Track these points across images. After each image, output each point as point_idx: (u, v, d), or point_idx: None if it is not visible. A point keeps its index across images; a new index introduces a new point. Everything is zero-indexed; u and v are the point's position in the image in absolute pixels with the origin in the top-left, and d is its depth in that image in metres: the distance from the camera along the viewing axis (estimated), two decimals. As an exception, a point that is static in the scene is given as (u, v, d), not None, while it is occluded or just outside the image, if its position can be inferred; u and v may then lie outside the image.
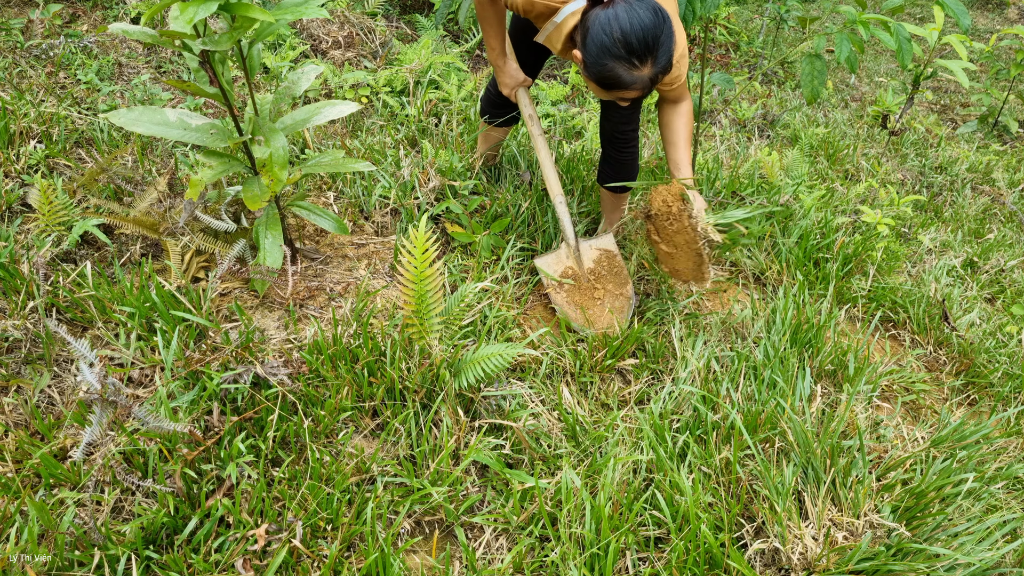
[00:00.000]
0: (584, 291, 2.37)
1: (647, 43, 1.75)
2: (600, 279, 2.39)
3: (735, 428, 1.87)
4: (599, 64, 1.81)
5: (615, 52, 1.77)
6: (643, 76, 1.81)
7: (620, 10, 1.76)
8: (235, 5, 1.66)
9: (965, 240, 3.71)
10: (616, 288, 2.38)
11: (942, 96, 6.85)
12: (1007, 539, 1.80)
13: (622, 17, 1.75)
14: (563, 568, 1.60)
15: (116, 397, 1.54)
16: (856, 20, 2.45)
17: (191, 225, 2.20)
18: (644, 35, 1.74)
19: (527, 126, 2.49)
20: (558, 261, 2.41)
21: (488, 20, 2.28)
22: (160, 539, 1.52)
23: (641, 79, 1.81)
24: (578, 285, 2.37)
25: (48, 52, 3.19)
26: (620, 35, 1.75)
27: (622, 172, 2.53)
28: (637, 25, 1.74)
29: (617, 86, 1.84)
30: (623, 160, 2.49)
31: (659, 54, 1.78)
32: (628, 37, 1.75)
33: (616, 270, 2.41)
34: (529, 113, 2.47)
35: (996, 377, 2.58)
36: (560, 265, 2.40)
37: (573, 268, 2.40)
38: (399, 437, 1.82)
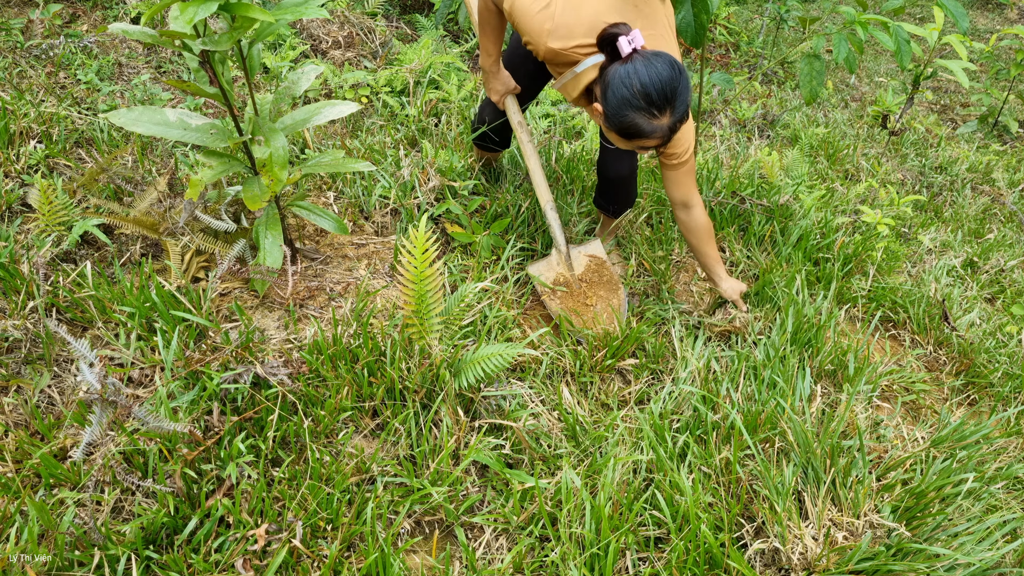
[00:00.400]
0: (576, 297, 2.37)
1: (666, 95, 1.82)
2: (592, 286, 2.40)
3: (735, 428, 1.87)
4: (620, 115, 1.86)
5: (635, 104, 1.82)
6: (663, 125, 1.87)
7: (639, 65, 1.82)
8: (235, 5, 1.66)
9: (965, 240, 3.71)
10: (608, 294, 2.38)
11: (942, 96, 6.85)
12: (1007, 539, 1.80)
13: (641, 71, 1.81)
14: (563, 568, 1.60)
15: (116, 397, 1.54)
16: (855, 20, 2.45)
17: (191, 225, 2.20)
18: (663, 87, 1.81)
19: (516, 133, 2.49)
20: (549, 268, 2.42)
21: (491, 26, 2.28)
22: (160, 539, 1.52)
23: (661, 128, 1.87)
24: (570, 291, 2.38)
25: (48, 52, 3.19)
26: (640, 88, 1.81)
27: (617, 202, 2.58)
28: (656, 78, 1.80)
29: (638, 136, 1.89)
30: (618, 194, 2.53)
31: (677, 104, 1.85)
32: (648, 89, 1.81)
33: (606, 276, 2.42)
34: (518, 120, 2.48)
35: (996, 377, 2.58)
36: (551, 272, 2.41)
37: (564, 275, 2.40)
38: (399, 437, 1.82)
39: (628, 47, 1.84)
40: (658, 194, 3.06)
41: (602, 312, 2.34)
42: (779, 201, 3.13)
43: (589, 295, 2.38)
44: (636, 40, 1.84)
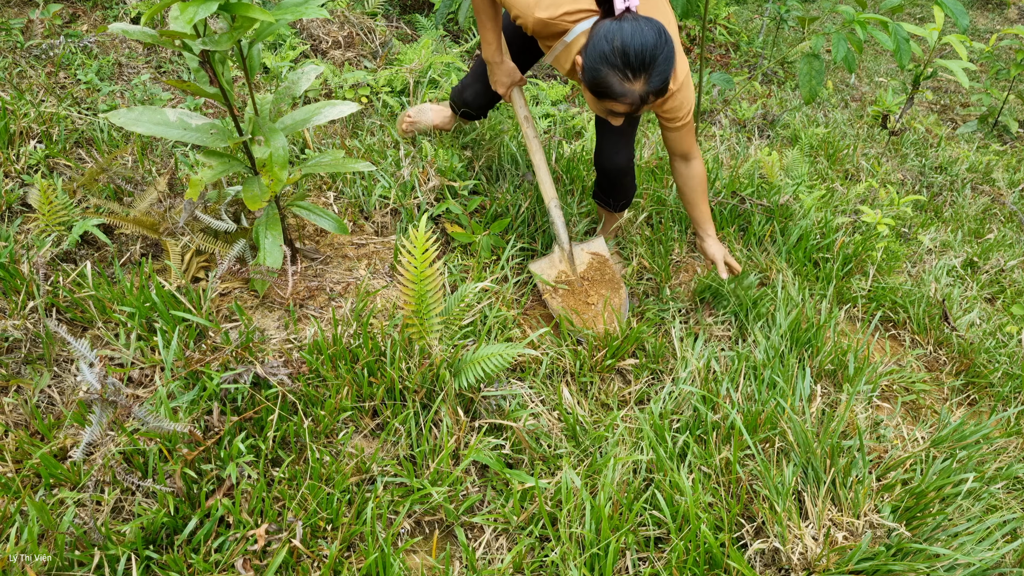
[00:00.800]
0: (578, 295, 2.37)
1: (643, 59, 1.80)
2: (594, 284, 2.40)
3: (735, 428, 1.87)
4: (594, 69, 1.86)
5: (611, 60, 1.82)
6: (634, 91, 1.85)
7: (626, 24, 1.82)
8: (235, 5, 1.66)
9: (965, 240, 3.71)
10: (610, 293, 2.38)
11: (942, 96, 6.85)
12: (1007, 539, 1.80)
13: (626, 30, 1.81)
14: (563, 568, 1.60)
15: (116, 397, 1.54)
16: (854, 20, 2.45)
17: (191, 225, 2.20)
18: (643, 50, 1.80)
19: (522, 128, 2.48)
20: (551, 265, 2.41)
21: (486, 14, 2.28)
22: (160, 539, 1.52)
23: (631, 93, 1.86)
24: (572, 289, 2.38)
25: (48, 52, 3.19)
26: (620, 45, 1.80)
27: (617, 196, 2.57)
28: (638, 40, 1.79)
29: (608, 95, 1.88)
30: (616, 187, 2.53)
31: (654, 72, 1.83)
32: (627, 48, 1.80)
33: (608, 275, 2.42)
34: (524, 115, 2.46)
35: (996, 377, 2.58)
36: (553, 269, 2.41)
37: (567, 272, 2.40)
38: (399, 437, 1.82)
39: (622, 4, 1.85)
40: (658, 194, 3.06)
41: (603, 311, 2.34)
42: (779, 201, 3.13)
43: (591, 293, 2.38)
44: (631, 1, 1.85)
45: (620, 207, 2.61)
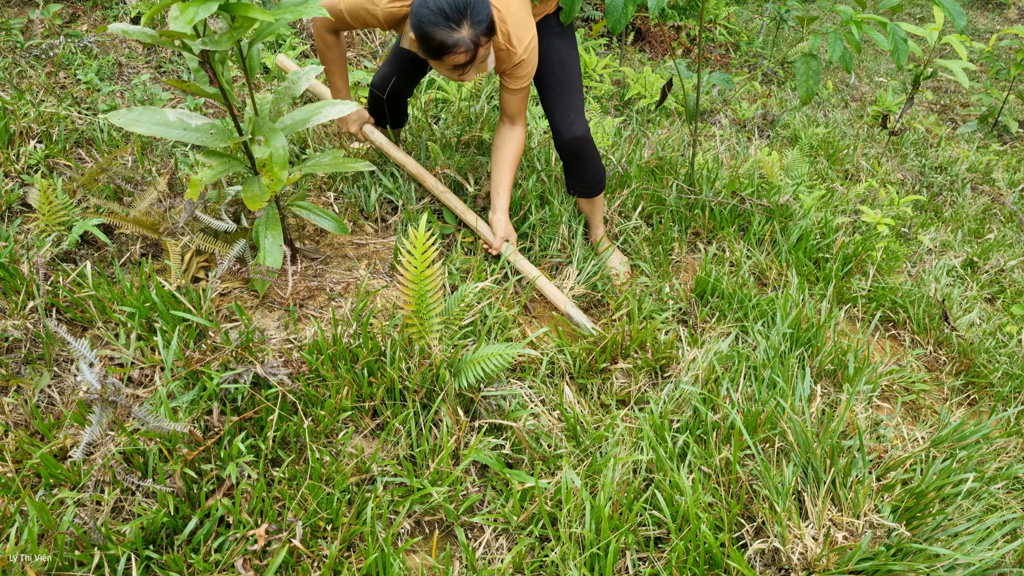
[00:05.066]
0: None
1: (458, 7, 1.98)
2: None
3: (735, 428, 1.87)
4: (424, 36, 2.03)
5: (433, 20, 1.99)
6: (464, 37, 2.02)
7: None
8: (235, 5, 1.66)
9: (965, 240, 3.71)
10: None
11: (942, 96, 6.85)
12: (1007, 539, 1.80)
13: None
14: (563, 568, 1.60)
15: (116, 397, 1.54)
16: (851, 20, 2.45)
17: (191, 225, 2.20)
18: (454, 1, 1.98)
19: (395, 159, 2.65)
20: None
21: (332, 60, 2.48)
22: (160, 539, 1.52)
23: (463, 40, 2.02)
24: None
25: (48, 52, 3.19)
26: (434, 4, 1.98)
27: (587, 175, 2.60)
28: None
29: (446, 51, 2.04)
30: (584, 164, 2.54)
31: (474, 15, 2.01)
32: (440, 4, 1.98)
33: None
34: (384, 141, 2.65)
35: (996, 377, 2.58)
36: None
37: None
38: (399, 437, 1.82)
39: None
40: (658, 194, 3.06)
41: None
42: (779, 201, 3.13)
43: None
44: None
45: (595, 188, 2.63)
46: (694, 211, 3.03)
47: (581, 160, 2.53)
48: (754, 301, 2.52)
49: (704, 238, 3.01)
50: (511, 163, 2.44)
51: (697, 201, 3.05)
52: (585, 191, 2.63)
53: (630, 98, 4.64)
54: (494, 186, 2.46)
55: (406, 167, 2.62)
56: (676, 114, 4.58)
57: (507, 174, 2.45)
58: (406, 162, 2.62)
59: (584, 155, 2.51)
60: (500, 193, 2.45)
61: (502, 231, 2.44)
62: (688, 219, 3.00)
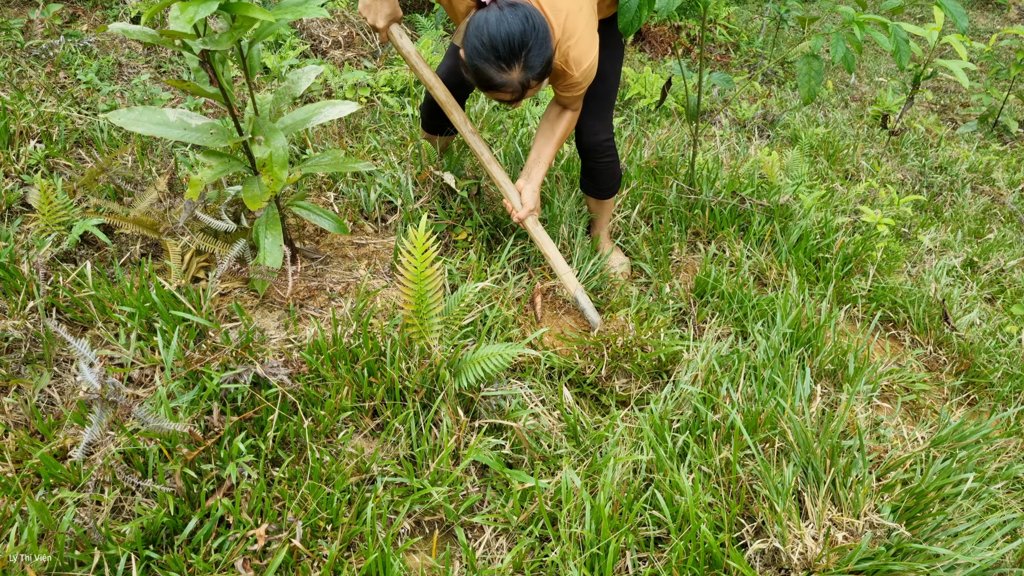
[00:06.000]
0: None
1: (512, 49, 1.83)
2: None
3: (735, 428, 1.87)
4: (472, 64, 1.90)
5: (484, 54, 1.86)
6: (512, 79, 1.89)
7: (491, 16, 1.85)
8: (235, 5, 1.66)
9: (965, 240, 3.71)
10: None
11: (942, 96, 6.85)
12: (1007, 539, 1.80)
13: (491, 22, 1.83)
14: (563, 568, 1.60)
15: (116, 397, 1.54)
16: (853, 20, 2.45)
17: (191, 225, 2.20)
18: (510, 41, 1.82)
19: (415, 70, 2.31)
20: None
21: None
22: (160, 539, 1.52)
23: (511, 82, 1.90)
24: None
25: (48, 52, 3.19)
26: (488, 38, 1.84)
27: (600, 180, 2.57)
28: (504, 31, 1.82)
29: (489, 86, 1.93)
30: (599, 168, 2.52)
31: (528, 59, 1.86)
32: (495, 42, 1.83)
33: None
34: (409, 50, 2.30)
35: (996, 377, 2.58)
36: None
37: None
38: (399, 437, 1.82)
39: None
40: (658, 195, 3.06)
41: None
42: (779, 201, 3.13)
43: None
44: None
45: (607, 192, 2.61)
46: (694, 211, 3.03)
47: (599, 164, 2.51)
48: (754, 301, 2.52)
49: (704, 238, 3.01)
50: (557, 139, 2.31)
51: (697, 201, 3.05)
52: (597, 193, 2.62)
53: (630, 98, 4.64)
54: (533, 156, 2.32)
55: (434, 90, 2.35)
56: (676, 114, 4.58)
57: (550, 147, 2.31)
58: (433, 84, 2.34)
59: (602, 161, 2.50)
60: (539, 164, 2.31)
61: (531, 203, 2.30)
62: (688, 219, 3.00)
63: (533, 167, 2.33)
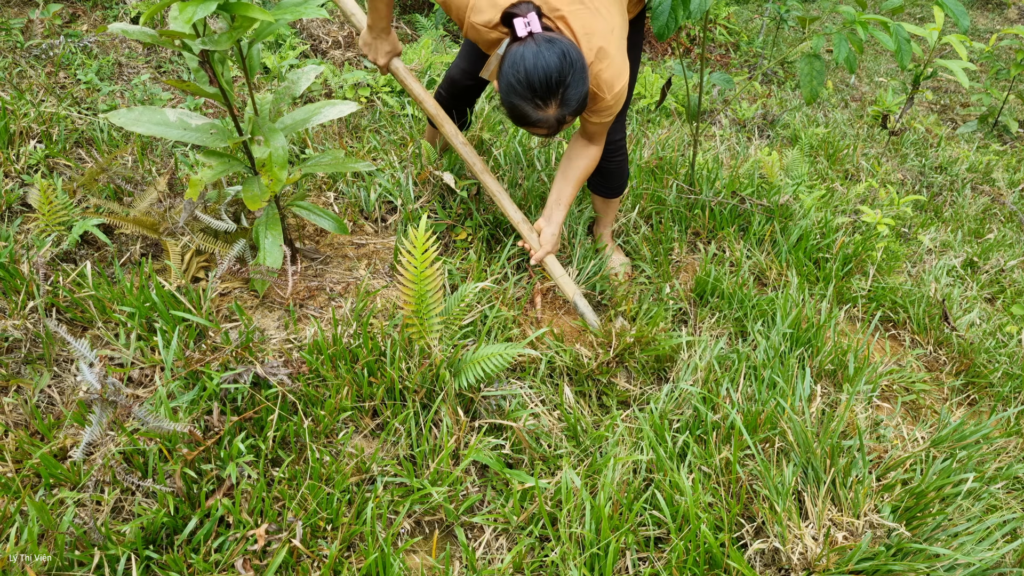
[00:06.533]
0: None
1: (548, 86, 1.78)
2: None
3: (735, 428, 1.87)
4: (507, 100, 1.85)
5: (519, 91, 1.81)
6: (548, 116, 1.84)
7: (528, 50, 1.78)
8: (235, 5, 1.66)
9: (965, 240, 3.71)
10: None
11: (942, 96, 6.85)
12: (1007, 539, 1.80)
13: (528, 57, 1.78)
14: (563, 568, 1.60)
15: (116, 397, 1.54)
16: (855, 20, 2.45)
17: (191, 225, 2.20)
18: (547, 78, 1.77)
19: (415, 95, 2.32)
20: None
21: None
22: (160, 539, 1.52)
23: (547, 119, 1.85)
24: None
25: (48, 52, 3.19)
26: (524, 75, 1.78)
27: (611, 179, 2.56)
28: (542, 67, 1.76)
29: (524, 122, 1.88)
30: (611, 168, 2.51)
31: (565, 96, 1.81)
32: (532, 79, 1.77)
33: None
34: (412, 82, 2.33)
35: (996, 377, 2.58)
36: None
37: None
38: (399, 437, 1.82)
39: (523, 30, 1.80)
40: (658, 194, 3.06)
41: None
42: (779, 201, 3.13)
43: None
44: (532, 24, 1.80)
45: (615, 191, 2.60)
46: (694, 211, 3.03)
47: (611, 163, 2.49)
48: (754, 301, 2.52)
49: (704, 238, 3.01)
50: (579, 177, 2.25)
51: (697, 201, 3.05)
52: (607, 191, 2.61)
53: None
54: (554, 196, 2.26)
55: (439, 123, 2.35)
56: (676, 114, 4.58)
57: (571, 187, 2.25)
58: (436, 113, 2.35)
59: (615, 160, 2.48)
60: (559, 206, 2.25)
61: (550, 245, 2.25)
62: (688, 219, 3.00)
63: (554, 208, 2.26)
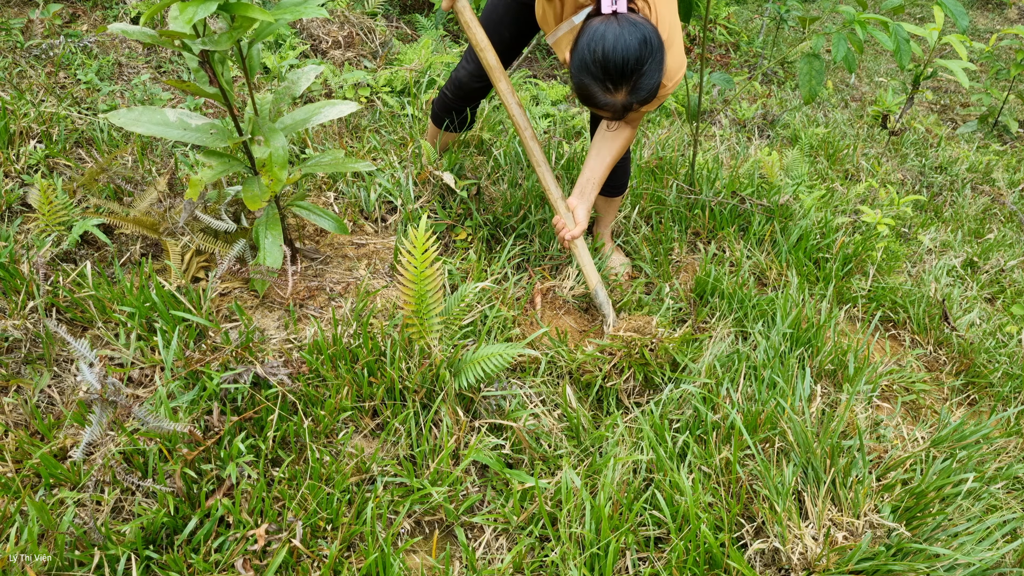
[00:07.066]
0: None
1: (624, 71, 1.72)
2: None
3: (735, 428, 1.87)
4: (578, 77, 1.79)
5: (592, 71, 1.75)
6: (616, 101, 1.79)
7: (610, 30, 1.72)
8: (235, 5, 1.66)
9: (965, 240, 3.71)
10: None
11: (942, 96, 6.85)
12: (1007, 539, 1.80)
13: (608, 38, 1.71)
14: (563, 568, 1.60)
15: (116, 397, 1.54)
16: (855, 20, 2.45)
17: (191, 225, 2.19)
18: (624, 62, 1.71)
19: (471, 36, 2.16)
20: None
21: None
22: (160, 539, 1.52)
23: (613, 104, 1.79)
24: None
25: (48, 52, 3.19)
26: (601, 56, 1.72)
27: (614, 178, 2.55)
28: (620, 50, 1.70)
29: (590, 102, 1.83)
30: (618, 166, 2.50)
31: (638, 84, 1.75)
32: (608, 60, 1.71)
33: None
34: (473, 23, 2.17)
35: (996, 377, 2.58)
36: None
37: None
38: (399, 437, 1.82)
39: (609, 6, 1.74)
40: (658, 194, 3.06)
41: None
42: (779, 201, 3.13)
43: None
44: (620, 4, 1.74)
45: (618, 189, 2.59)
46: (694, 211, 3.03)
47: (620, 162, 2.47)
48: (754, 301, 2.52)
49: (704, 238, 3.01)
50: (613, 157, 2.17)
51: (697, 201, 3.05)
52: (610, 190, 2.59)
53: (630, 98, 4.64)
54: (587, 174, 2.18)
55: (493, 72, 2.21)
56: (676, 114, 4.58)
57: (604, 167, 2.16)
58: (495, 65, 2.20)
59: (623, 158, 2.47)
60: (591, 184, 2.17)
61: (584, 223, 2.19)
62: (688, 219, 3.00)
63: (587, 186, 2.20)
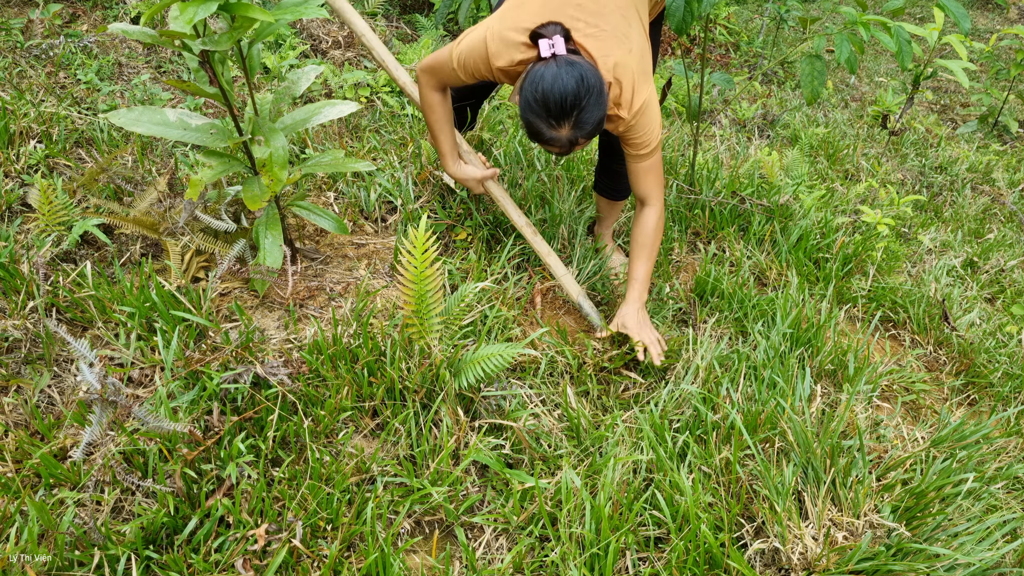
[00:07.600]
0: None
1: (563, 108, 1.79)
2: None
3: (735, 428, 1.87)
4: (524, 115, 1.88)
5: (536, 109, 1.83)
6: (561, 136, 1.86)
7: (548, 71, 1.81)
8: (235, 5, 1.66)
9: (965, 240, 3.71)
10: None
11: (942, 96, 6.85)
12: (1007, 539, 1.80)
13: (547, 78, 1.80)
14: (563, 568, 1.60)
15: (116, 397, 1.54)
16: (856, 21, 2.45)
17: (191, 225, 2.20)
18: (562, 100, 1.79)
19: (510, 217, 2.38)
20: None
21: (439, 122, 2.24)
22: (160, 539, 1.52)
23: (559, 139, 1.87)
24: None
25: (48, 52, 3.19)
26: (540, 95, 1.80)
27: (619, 182, 2.56)
28: (558, 88, 1.79)
29: (538, 139, 1.91)
30: (620, 171, 2.51)
31: (580, 119, 1.82)
32: (547, 99, 1.80)
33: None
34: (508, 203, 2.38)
35: (996, 377, 2.58)
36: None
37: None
38: (399, 437, 1.82)
39: (547, 50, 1.83)
40: (658, 194, 3.05)
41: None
42: (779, 201, 3.13)
43: None
44: (557, 46, 1.83)
45: (622, 194, 2.60)
46: (694, 211, 3.03)
47: (620, 165, 2.47)
48: (754, 301, 2.52)
49: (704, 238, 3.01)
50: (645, 249, 2.20)
51: (697, 201, 3.05)
52: (614, 194, 2.61)
53: (630, 98, 4.64)
54: (629, 279, 2.25)
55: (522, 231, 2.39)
56: (676, 114, 4.58)
57: (640, 263, 2.21)
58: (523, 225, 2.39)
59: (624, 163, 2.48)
60: (635, 285, 2.22)
61: (636, 327, 2.17)
62: (688, 219, 3.00)
63: (629, 289, 2.24)
